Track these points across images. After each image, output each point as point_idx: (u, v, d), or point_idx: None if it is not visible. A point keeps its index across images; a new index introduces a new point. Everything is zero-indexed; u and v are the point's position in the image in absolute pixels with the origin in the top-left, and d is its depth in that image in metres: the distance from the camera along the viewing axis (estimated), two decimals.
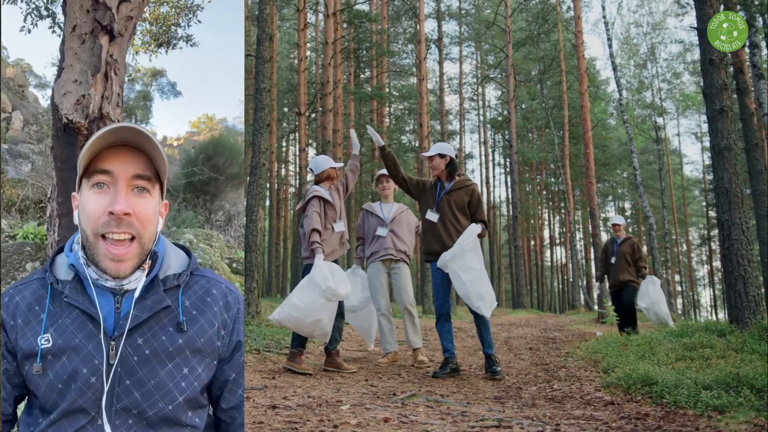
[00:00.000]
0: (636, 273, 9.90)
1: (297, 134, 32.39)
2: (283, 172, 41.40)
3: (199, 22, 10.04)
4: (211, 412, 1.85)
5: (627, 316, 9.85)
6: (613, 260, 10.05)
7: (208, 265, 10.04)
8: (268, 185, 30.92)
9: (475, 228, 5.92)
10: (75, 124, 5.02)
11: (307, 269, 6.26)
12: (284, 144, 42.80)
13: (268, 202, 34.35)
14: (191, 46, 10.17)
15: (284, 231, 38.04)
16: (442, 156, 6.27)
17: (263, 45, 11.04)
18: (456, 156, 6.36)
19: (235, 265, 12.35)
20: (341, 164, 6.84)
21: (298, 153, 28.11)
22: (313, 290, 5.75)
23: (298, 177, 29.03)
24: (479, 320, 6.00)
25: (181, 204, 17.31)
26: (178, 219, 15.37)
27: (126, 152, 1.64)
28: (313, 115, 28.50)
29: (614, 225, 10.32)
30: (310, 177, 6.77)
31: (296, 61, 29.82)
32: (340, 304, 6.42)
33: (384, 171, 7.14)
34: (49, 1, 8.34)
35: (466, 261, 5.83)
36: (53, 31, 8.51)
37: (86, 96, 5.11)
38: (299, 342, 6.10)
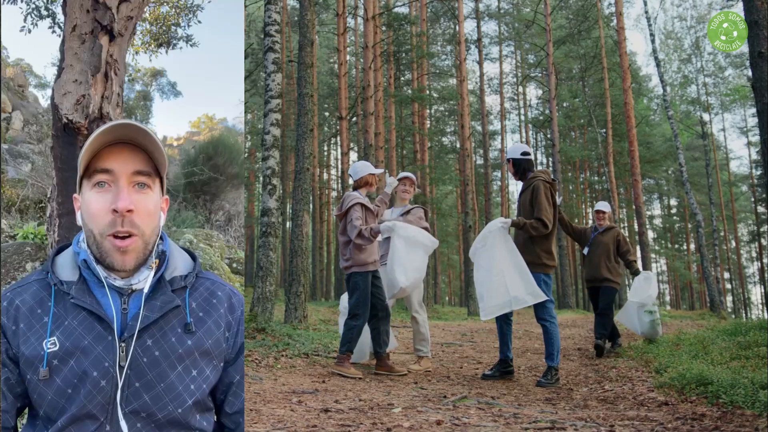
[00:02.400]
0: (616, 271, 8.20)
1: (338, 138, 32.60)
2: (324, 176, 41.62)
3: (199, 22, 10.02)
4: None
5: (603, 324, 8.03)
6: (586, 251, 8.46)
7: (208, 265, 10.10)
8: (310, 190, 31.11)
9: (492, 223, 5.81)
10: (75, 124, 5.06)
11: (350, 278, 6.30)
12: (326, 148, 43.04)
13: (310, 207, 34.55)
14: (191, 46, 10.16)
15: (327, 235, 38.24)
16: (508, 161, 6.15)
17: (305, 51, 11.12)
18: (524, 154, 6.09)
19: (235, 265, 12.38)
20: (381, 170, 6.87)
21: (340, 157, 28.28)
22: (420, 249, 6.05)
23: (340, 181, 29.17)
24: (542, 327, 5.83)
25: (181, 204, 17.35)
26: (178, 219, 15.40)
27: (124, 150, 1.65)
28: (354, 119, 28.61)
29: (597, 212, 8.53)
30: (352, 181, 6.76)
31: (336, 66, 29.98)
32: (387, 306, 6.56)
33: (407, 174, 7.12)
34: (49, 1, 8.40)
35: (480, 258, 5.77)
36: (53, 31, 8.55)
37: (86, 96, 5.15)
38: (348, 346, 6.14)
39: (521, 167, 6.07)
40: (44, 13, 8.42)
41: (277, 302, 12.44)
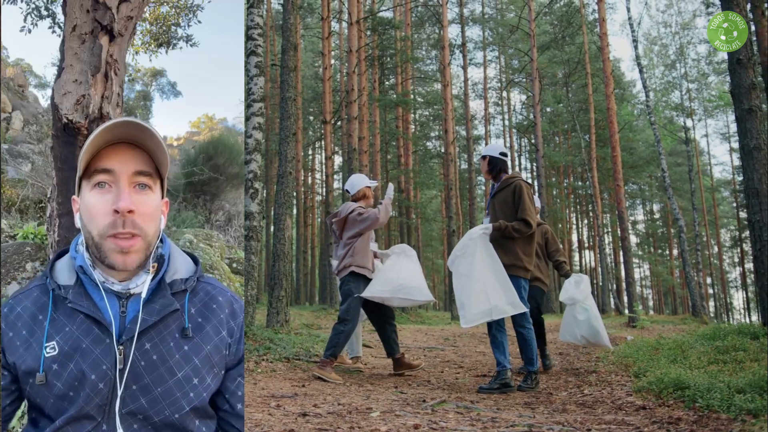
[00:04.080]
0: (545, 270, 7.46)
1: (323, 142, 32.56)
2: (309, 180, 41.57)
3: (199, 22, 10.09)
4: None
5: (540, 334, 7.27)
6: None
7: (208, 265, 10.08)
8: (294, 194, 31.05)
9: (473, 230, 5.69)
10: (75, 124, 5.04)
11: (346, 282, 6.39)
12: (310, 152, 43.00)
13: (294, 211, 34.45)
14: (191, 46, 10.21)
15: (311, 239, 38.16)
16: (483, 157, 6.04)
17: (288, 54, 11.11)
18: (502, 154, 5.96)
19: (235, 265, 12.36)
20: (375, 183, 6.95)
21: (324, 161, 28.21)
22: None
23: (324, 185, 29.13)
24: (517, 334, 5.72)
25: (181, 204, 17.34)
26: (178, 219, 15.37)
27: (125, 149, 1.63)
28: (338, 123, 28.60)
29: None
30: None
31: (321, 70, 29.96)
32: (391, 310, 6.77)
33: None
34: (49, 1, 8.41)
35: (459, 266, 5.65)
36: (53, 31, 8.60)
37: (86, 96, 5.13)
38: (332, 351, 6.15)
39: (497, 167, 5.94)
40: (44, 13, 8.44)
41: (259, 306, 12.42)
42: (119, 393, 1.57)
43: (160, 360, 1.61)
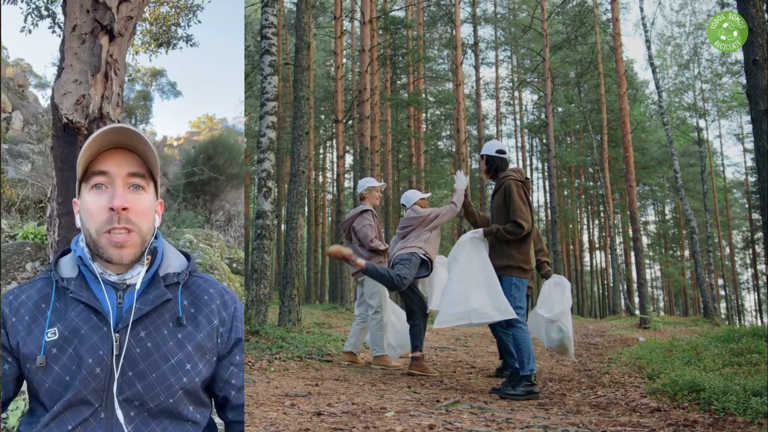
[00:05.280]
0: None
1: (334, 141, 32.58)
2: (320, 179, 41.60)
3: (199, 22, 10.14)
4: (213, 413, 1.91)
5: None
6: None
7: (208, 265, 10.10)
8: (306, 192, 31.07)
9: (464, 236, 5.61)
10: (75, 124, 5.06)
11: (409, 258, 6.69)
12: (321, 151, 43.04)
13: (306, 210, 34.47)
14: (191, 46, 10.26)
15: (322, 238, 38.18)
16: (482, 157, 5.91)
17: (301, 54, 11.12)
18: (499, 152, 5.79)
19: (235, 265, 12.38)
20: (429, 194, 7.48)
21: (335, 160, 28.24)
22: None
23: (335, 184, 29.15)
24: (512, 334, 5.49)
25: (181, 204, 17.45)
26: (178, 219, 15.47)
27: (120, 153, 1.74)
28: (350, 122, 28.60)
29: None
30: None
31: (333, 69, 29.97)
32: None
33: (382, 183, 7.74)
34: (49, 1, 8.46)
35: (450, 272, 5.65)
36: (53, 31, 8.64)
37: (86, 96, 5.15)
38: (415, 344, 6.65)
39: (494, 165, 5.78)
40: (44, 13, 8.47)
41: (271, 305, 12.45)
42: (116, 378, 1.65)
43: (155, 347, 1.70)
